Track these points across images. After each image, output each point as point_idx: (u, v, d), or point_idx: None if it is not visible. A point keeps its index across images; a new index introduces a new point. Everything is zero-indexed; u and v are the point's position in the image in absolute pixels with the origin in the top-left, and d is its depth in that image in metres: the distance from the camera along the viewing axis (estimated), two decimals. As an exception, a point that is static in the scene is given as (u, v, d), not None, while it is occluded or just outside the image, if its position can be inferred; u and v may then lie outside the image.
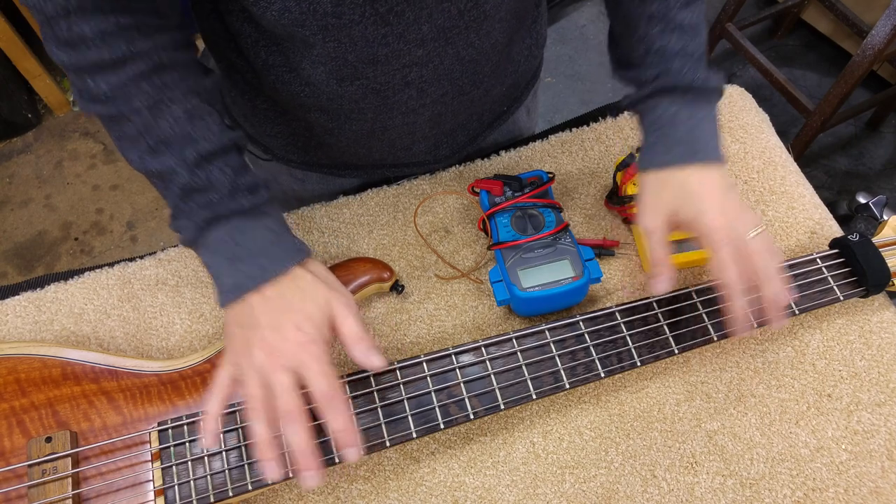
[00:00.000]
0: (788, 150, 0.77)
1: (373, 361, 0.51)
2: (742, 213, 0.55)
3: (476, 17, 0.56)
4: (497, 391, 0.56)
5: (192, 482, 0.52)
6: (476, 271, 0.69)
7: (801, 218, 0.73)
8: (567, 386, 0.56)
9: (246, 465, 0.53)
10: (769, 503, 0.58)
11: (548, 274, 0.62)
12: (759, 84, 1.94)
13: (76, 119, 2.09)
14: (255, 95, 0.69)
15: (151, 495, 0.52)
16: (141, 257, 0.71)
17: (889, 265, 0.63)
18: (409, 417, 0.54)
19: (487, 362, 0.57)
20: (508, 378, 0.56)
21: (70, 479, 0.51)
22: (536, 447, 0.60)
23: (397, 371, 0.56)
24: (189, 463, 0.53)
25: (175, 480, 0.52)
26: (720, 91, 0.59)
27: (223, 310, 0.52)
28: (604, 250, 0.70)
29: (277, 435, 0.49)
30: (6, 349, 0.58)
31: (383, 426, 0.54)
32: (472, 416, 0.55)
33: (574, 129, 0.79)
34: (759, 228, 0.54)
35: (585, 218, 0.72)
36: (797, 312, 0.61)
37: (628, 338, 0.59)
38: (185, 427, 0.54)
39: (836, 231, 0.72)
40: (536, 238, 0.64)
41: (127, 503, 0.52)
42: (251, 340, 0.50)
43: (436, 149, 0.74)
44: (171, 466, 0.53)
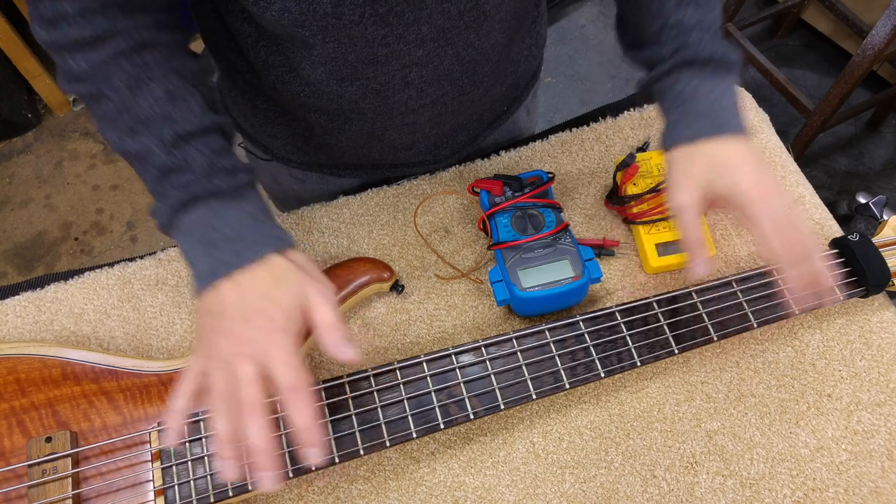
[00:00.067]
0: (788, 150, 0.77)
1: (345, 353, 0.47)
2: (776, 185, 0.53)
3: (476, 18, 0.56)
4: (497, 391, 0.56)
5: (192, 482, 0.52)
6: (476, 271, 0.69)
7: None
8: (567, 386, 0.57)
9: (246, 465, 0.52)
10: (769, 503, 0.58)
11: (548, 274, 0.62)
12: (759, 84, 1.94)
13: (76, 119, 2.09)
14: (255, 96, 0.69)
15: (151, 495, 0.52)
16: (141, 257, 0.71)
17: (889, 265, 0.63)
18: (409, 417, 0.54)
19: (487, 362, 0.57)
20: (508, 378, 0.56)
21: (70, 479, 0.51)
22: (536, 447, 0.60)
23: (397, 371, 0.56)
24: (189, 463, 0.53)
25: (175, 480, 0.52)
26: (739, 64, 0.57)
27: (197, 299, 0.49)
28: (604, 250, 0.70)
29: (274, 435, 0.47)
30: (6, 349, 0.58)
31: (383, 426, 0.54)
32: (472, 416, 0.55)
33: (574, 129, 0.79)
34: (792, 201, 0.52)
35: (585, 218, 0.72)
36: (797, 312, 0.61)
37: (628, 338, 0.59)
38: (185, 427, 0.54)
39: (836, 231, 0.72)
40: (536, 238, 0.64)
41: (127, 503, 0.52)
42: (217, 329, 0.47)
43: (436, 149, 0.74)
44: (171, 466, 0.53)
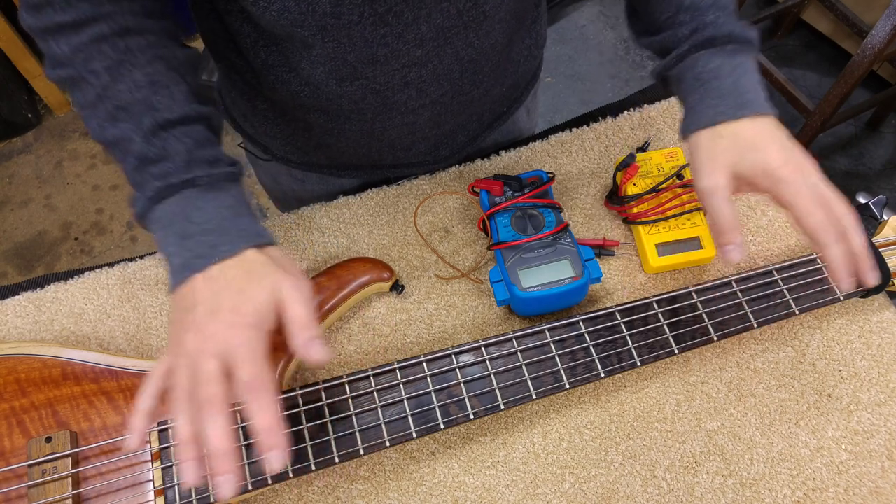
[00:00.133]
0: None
1: (315, 353, 0.45)
2: (807, 161, 0.51)
3: (475, 17, 0.56)
4: (497, 391, 0.56)
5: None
6: (476, 271, 0.69)
7: (801, 218, 0.73)
8: (567, 386, 0.57)
9: (246, 465, 0.52)
10: (769, 503, 0.58)
11: (548, 274, 0.62)
12: (760, 84, 1.94)
13: (76, 119, 2.09)
14: (255, 96, 0.69)
15: (151, 495, 0.52)
16: (141, 257, 0.71)
17: (889, 265, 0.63)
18: (409, 417, 0.54)
19: (487, 362, 0.57)
20: (508, 378, 0.56)
21: (70, 479, 0.51)
22: (536, 447, 0.60)
23: (397, 371, 0.56)
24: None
25: (175, 480, 0.52)
26: (757, 42, 0.56)
27: (171, 295, 0.48)
28: (604, 250, 0.70)
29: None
30: (6, 349, 0.58)
31: (383, 426, 0.54)
32: (472, 416, 0.55)
33: (574, 129, 0.79)
34: (823, 177, 0.50)
35: (585, 218, 0.72)
36: (797, 312, 0.61)
37: (628, 338, 0.59)
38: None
39: (836, 231, 0.72)
40: (536, 238, 0.64)
41: (127, 503, 0.52)
42: (186, 324, 0.45)
43: (436, 149, 0.74)
44: (171, 466, 0.53)
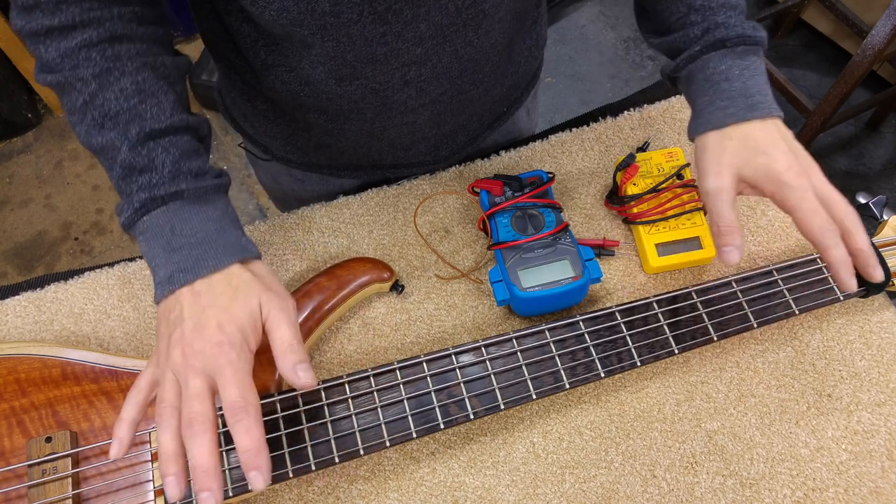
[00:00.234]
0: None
1: (300, 378, 0.45)
2: (811, 165, 0.52)
3: (474, 16, 0.56)
4: (497, 391, 0.56)
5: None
6: (476, 271, 0.69)
7: (801, 218, 0.72)
8: (567, 386, 0.56)
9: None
10: (769, 503, 0.58)
11: (548, 274, 0.62)
12: (759, 84, 1.94)
13: (76, 119, 2.09)
14: (255, 96, 0.69)
15: (151, 495, 0.52)
16: (141, 257, 0.71)
17: (889, 265, 0.63)
18: (409, 417, 0.54)
19: (487, 362, 0.57)
20: (508, 378, 0.56)
21: (70, 479, 0.51)
22: (536, 447, 0.60)
23: (397, 371, 0.56)
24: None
25: (175, 480, 0.52)
26: (765, 43, 0.57)
27: (156, 306, 0.49)
28: (604, 250, 0.70)
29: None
30: (6, 349, 0.58)
31: (383, 426, 0.54)
32: (472, 416, 0.55)
33: (574, 129, 0.79)
34: (826, 180, 0.52)
35: (585, 218, 0.72)
36: (797, 312, 0.61)
37: (628, 338, 0.59)
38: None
39: (836, 231, 0.72)
40: (536, 238, 0.64)
41: (127, 503, 0.52)
42: (172, 338, 0.46)
43: (436, 149, 0.74)
44: (171, 466, 0.53)
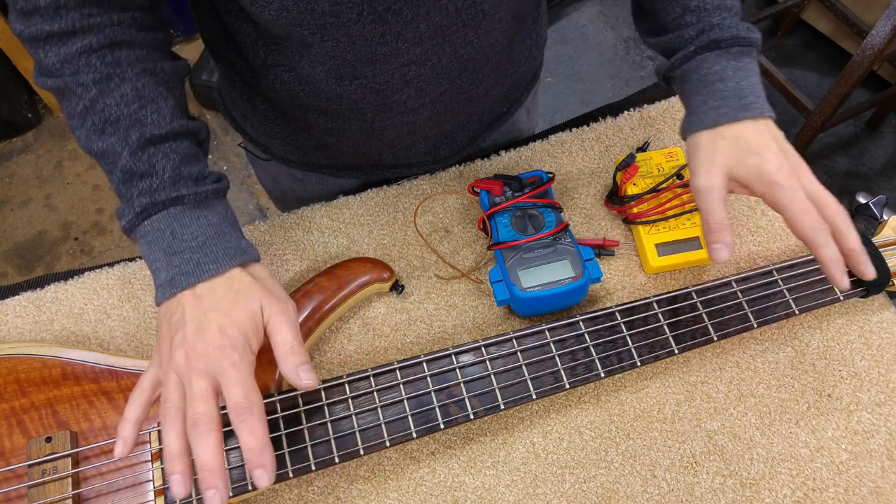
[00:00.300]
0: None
1: (302, 380, 0.47)
2: (802, 166, 0.53)
3: (474, 16, 0.56)
4: (497, 391, 0.56)
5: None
6: (476, 271, 0.69)
7: (801, 218, 0.72)
8: (567, 386, 0.56)
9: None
10: (769, 503, 0.58)
11: (548, 274, 0.62)
12: (759, 84, 1.94)
13: (76, 119, 2.09)
14: (255, 96, 0.69)
15: (151, 495, 0.52)
16: (141, 257, 0.71)
17: (889, 265, 0.63)
18: (409, 417, 0.54)
19: (487, 362, 0.57)
20: (508, 378, 0.56)
21: (70, 479, 0.51)
22: (536, 447, 0.60)
23: (397, 371, 0.56)
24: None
25: (175, 480, 0.52)
26: (760, 44, 0.58)
27: (157, 308, 0.50)
28: (604, 250, 0.70)
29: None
30: (6, 349, 0.58)
31: (383, 426, 0.54)
32: (472, 416, 0.55)
33: (574, 129, 0.79)
34: (816, 181, 0.52)
35: (585, 218, 0.72)
36: (797, 312, 0.61)
37: (628, 338, 0.59)
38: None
39: (836, 231, 0.72)
40: (536, 238, 0.64)
41: (127, 503, 0.52)
42: (175, 340, 0.47)
43: (435, 149, 0.74)
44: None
